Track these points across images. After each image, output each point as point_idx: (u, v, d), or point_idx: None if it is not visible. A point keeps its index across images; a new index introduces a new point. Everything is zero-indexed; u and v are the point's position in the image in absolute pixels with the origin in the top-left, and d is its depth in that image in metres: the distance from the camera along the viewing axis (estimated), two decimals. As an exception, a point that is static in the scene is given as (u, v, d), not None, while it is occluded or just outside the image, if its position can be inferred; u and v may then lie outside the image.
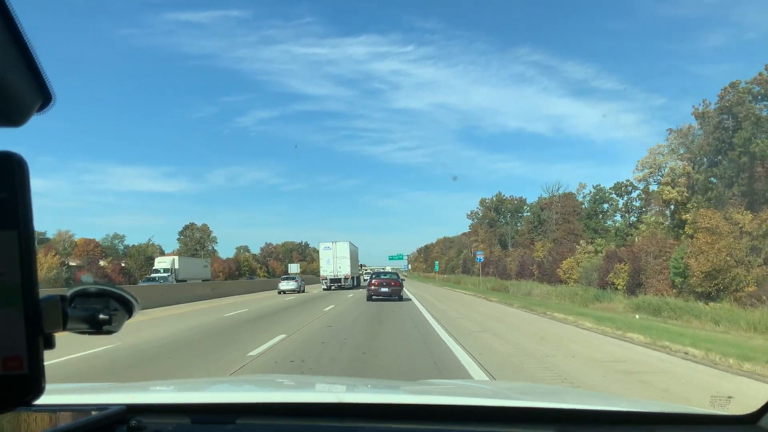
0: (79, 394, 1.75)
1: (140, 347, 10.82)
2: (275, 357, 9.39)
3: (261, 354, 9.68)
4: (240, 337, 12.28)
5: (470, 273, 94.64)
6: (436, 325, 14.79)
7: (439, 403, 1.49)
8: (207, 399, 1.63)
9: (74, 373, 7.93)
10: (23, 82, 0.66)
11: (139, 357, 9.65)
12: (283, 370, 8.14)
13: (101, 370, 8.48)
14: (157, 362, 9.13)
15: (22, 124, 0.69)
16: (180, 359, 9.43)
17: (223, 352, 10.02)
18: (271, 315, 19.33)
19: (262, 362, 8.86)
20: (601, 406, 1.60)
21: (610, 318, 18.48)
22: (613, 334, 12.89)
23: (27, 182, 0.67)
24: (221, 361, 8.95)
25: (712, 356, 8.90)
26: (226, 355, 9.70)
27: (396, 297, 27.39)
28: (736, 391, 6.56)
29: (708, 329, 19.05)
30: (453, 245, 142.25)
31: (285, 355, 9.62)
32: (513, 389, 2.51)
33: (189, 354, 10.11)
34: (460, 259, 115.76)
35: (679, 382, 7.21)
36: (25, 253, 0.66)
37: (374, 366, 8.37)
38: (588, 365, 8.49)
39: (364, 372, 7.81)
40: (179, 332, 13.90)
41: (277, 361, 8.97)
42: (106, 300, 0.85)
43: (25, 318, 0.66)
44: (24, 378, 0.66)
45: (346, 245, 46.38)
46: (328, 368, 8.15)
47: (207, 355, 9.86)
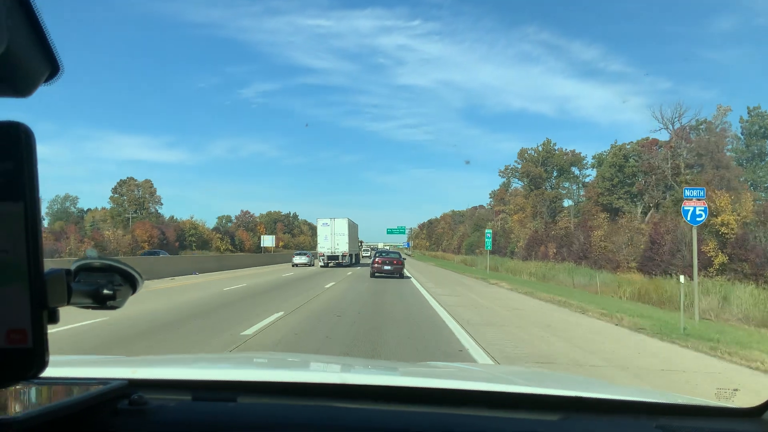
0: (80, 367, 1.70)
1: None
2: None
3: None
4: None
5: (502, 254, 64.88)
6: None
7: (444, 387, 1.48)
8: (208, 376, 1.60)
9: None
10: (31, 52, 0.64)
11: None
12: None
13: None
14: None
15: (30, 94, 0.68)
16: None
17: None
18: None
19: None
20: (606, 395, 1.58)
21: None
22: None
23: (33, 153, 0.65)
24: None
25: None
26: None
27: (398, 275, 28.74)
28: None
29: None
30: (464, 219, 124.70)
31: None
32: (515, 374, 2.54)
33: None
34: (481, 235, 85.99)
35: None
36: (31, 225, 0.64)
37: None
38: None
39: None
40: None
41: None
42: (111, 275, 0.85)
43: (30, 292, 0.65)
44: (28, 352, 0.65)
45: (345, 222, 44.80)
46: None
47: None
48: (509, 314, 13.97)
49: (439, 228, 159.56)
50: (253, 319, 11.46)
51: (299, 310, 13.47)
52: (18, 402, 1.10)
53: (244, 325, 10.49)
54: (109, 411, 1.19)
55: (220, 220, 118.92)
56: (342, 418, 1.26)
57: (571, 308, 15.67)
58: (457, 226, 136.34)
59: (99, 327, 10.01)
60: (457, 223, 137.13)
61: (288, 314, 12.56)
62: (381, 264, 28.74)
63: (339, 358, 4.90)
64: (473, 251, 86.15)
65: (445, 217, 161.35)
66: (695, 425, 1.28)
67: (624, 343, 9.86)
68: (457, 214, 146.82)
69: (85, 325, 9.96)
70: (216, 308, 13.71)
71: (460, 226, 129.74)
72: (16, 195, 0.64)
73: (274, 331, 10.17)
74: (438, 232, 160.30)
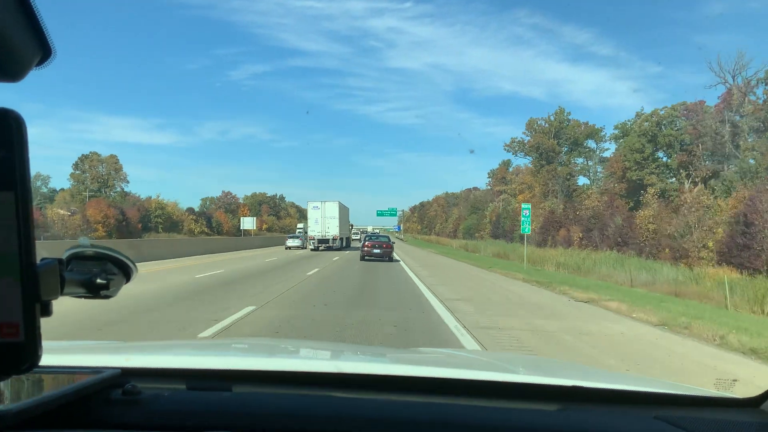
0: (71, 355, 1.67)
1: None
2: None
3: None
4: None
5: (509, 239, 56.77)
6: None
7: (441, 377, 1.45)
8: (202, 364, 1.57)
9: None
10: (23, 35, 0.62)
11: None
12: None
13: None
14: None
15: (21, 78, 0.66)
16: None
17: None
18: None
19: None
20: (605, 384, 1.56)
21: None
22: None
23: (25, 141, 0.62)
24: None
25: None
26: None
27: (387, 258, 28.63)
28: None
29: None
30: (458, 201, 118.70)
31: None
32: (511, 361, 2.51)
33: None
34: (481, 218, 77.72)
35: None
36: (22, 215, 0.62)
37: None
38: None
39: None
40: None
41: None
42: (104, 263, 0.84)
43: (21, 284, 0.63)
44: (20, 346, 0.64)
45: (336, 205, 43.63)
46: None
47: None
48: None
49: (431, 211, 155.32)
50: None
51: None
52: (9, 391, 1.07)
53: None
54: (102, 401, 1.17)
55: (204, 202, 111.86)
56: (338, 408, 1.25)
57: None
58: (450, 208, 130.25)
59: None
60: (451, 206, 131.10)
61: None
62: (371, 248, 28.80)
63: (334, 344, 4.72)
64: (472, 235, 77.79)
65: (437, 199, 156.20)
66: (694, 415, 1.27)
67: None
68: (451, 196, 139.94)
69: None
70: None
71: (454, 209, 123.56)
72: (6, 184, 0.61)
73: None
74: (430, 215, 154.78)
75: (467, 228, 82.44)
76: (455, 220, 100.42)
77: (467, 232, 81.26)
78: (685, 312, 10.97)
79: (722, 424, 1.23)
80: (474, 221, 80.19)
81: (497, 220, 65.98)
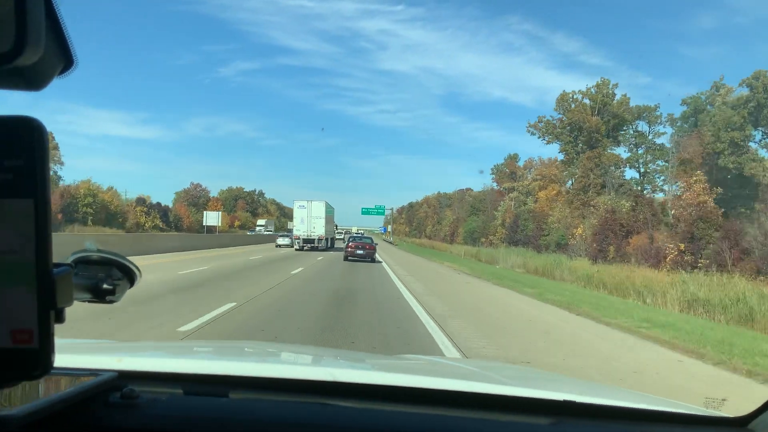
0: (66, 354, 1.60)
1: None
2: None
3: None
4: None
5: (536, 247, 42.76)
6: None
7: (435, 388, 1.45)
8: (200, 368, 1.56)
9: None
10: (50, 46, 0.62)
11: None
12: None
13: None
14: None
15: (43, 87, 0.66)
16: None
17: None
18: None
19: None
20: (596, 399, 1.52)
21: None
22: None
23: (46, 149, 0.63)
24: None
25: None
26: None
27: (369, 259, 28.41)
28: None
29: None
30: (451, 202, 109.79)
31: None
32: (502, 371, 2.37)
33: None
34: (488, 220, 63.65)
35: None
36: (41, 224, 0.62)
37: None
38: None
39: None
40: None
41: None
42: (109, 268, 0.84)
43: (38, 292, 0.63)
44: (33, 352, 0.64)
45: (322, 205, 43.01)
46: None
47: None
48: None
49: (420, 212, 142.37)
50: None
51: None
52: (11, 394, 1.05)
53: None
54: (101, 404, 1.17)
55: (179, 196, 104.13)
56: (333, 417, 1.25)
57: None
58: (443, 210, 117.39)
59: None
60: (444, 207, 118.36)
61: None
62: (354, 248, 28.79)
63: (331, 350, 4.88)
64: (475, 240, 63.62)
65: (428, 200, 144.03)
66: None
67: None
68: (443, 196, 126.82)
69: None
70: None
71: (446, 210, 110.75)
72: (26, 192, 0.61)
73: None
74: (420, 216, 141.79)
75: (469, 231, 68.21)
76: (452, 222, 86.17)
77: (469, 237, 67.01)
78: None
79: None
80: (477, 224, 65.90)
81: (514, 222, 51.69)
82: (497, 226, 57.10)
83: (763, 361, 7.31)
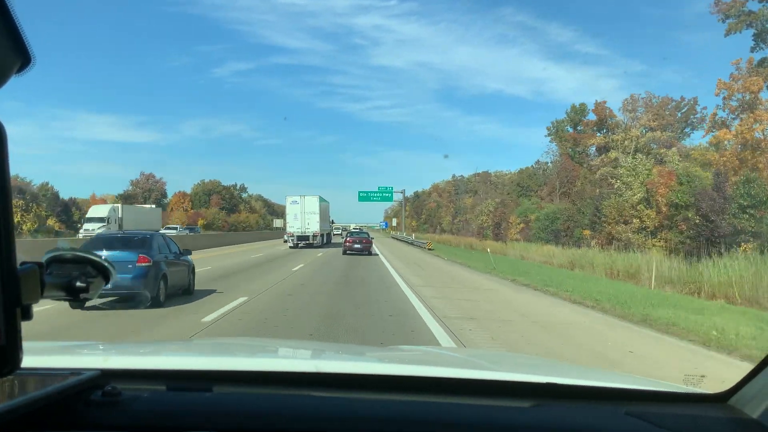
0: (49, 355, 1.68)
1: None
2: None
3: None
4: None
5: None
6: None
7: (417, 375, 1.48)
8: (182, 364, 1.57)
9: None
10: (2, 44, 0.61)
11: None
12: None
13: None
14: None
15: (0, 87, 0.64)
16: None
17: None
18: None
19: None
20: (578, 380, 1.57)
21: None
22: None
23: (5, 147, 0.62)
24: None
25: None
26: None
27: (366, 252, 31.01)
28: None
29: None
30: (475, 186, 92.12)
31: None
32: (485, 357, 2.51)
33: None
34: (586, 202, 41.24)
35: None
36: (2, 220, 0.62)
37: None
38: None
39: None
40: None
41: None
42: (83, 266, 0.85)
43: (2, 289, 0.63)
44: (1, 349, 0.64)
45: (316, 199, 42.35)
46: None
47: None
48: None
49: (430, 202, 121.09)
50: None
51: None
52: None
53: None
54: (82, 402, 1.17)
55: (126, 192, 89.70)
56: (317, 407, 1.26)
57: None
58: (460, 197, 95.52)
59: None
60: (461, 193, 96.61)
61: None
62: (352, 243, 31.37)
63: (313, 343, 4.82)
64: (557, 235, 41.48)
65: (436, 188, 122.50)
66: (663, 411, 1.29)
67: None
68: (461, 181, 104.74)
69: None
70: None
71: (466, 199, 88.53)
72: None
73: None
74: (429, 207, 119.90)
75: (548, 221, 45.47)
76: (495, 210, 63.28)
77: (546, 230, 44.46)
78: None
79: (691, 419, 1.25)
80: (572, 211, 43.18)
81: (710, 197, 28.72)
82: (634, 206, 34.47)
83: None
